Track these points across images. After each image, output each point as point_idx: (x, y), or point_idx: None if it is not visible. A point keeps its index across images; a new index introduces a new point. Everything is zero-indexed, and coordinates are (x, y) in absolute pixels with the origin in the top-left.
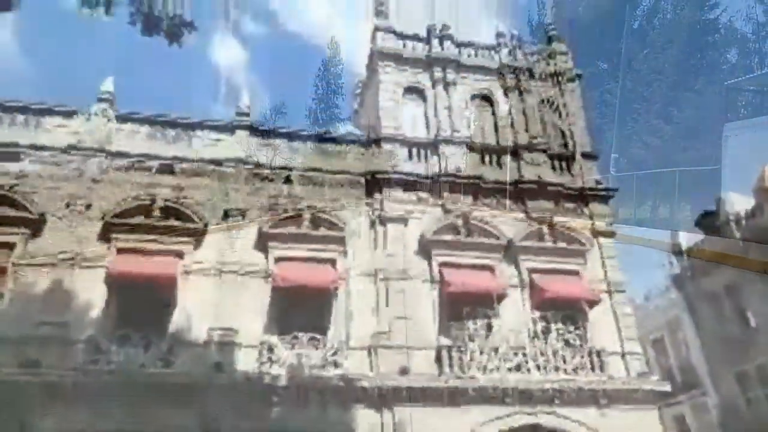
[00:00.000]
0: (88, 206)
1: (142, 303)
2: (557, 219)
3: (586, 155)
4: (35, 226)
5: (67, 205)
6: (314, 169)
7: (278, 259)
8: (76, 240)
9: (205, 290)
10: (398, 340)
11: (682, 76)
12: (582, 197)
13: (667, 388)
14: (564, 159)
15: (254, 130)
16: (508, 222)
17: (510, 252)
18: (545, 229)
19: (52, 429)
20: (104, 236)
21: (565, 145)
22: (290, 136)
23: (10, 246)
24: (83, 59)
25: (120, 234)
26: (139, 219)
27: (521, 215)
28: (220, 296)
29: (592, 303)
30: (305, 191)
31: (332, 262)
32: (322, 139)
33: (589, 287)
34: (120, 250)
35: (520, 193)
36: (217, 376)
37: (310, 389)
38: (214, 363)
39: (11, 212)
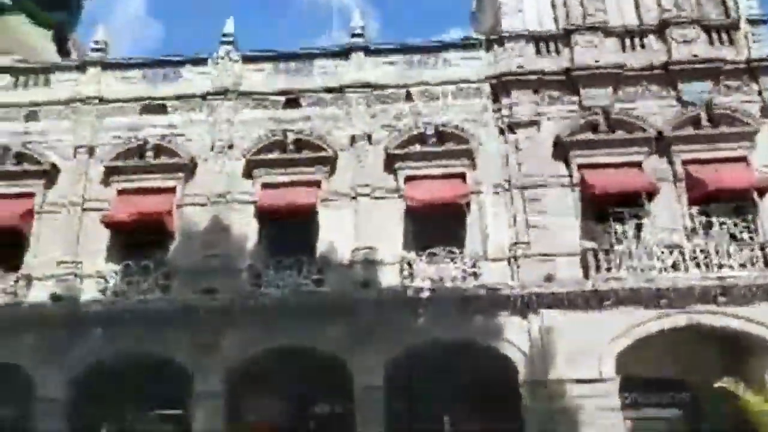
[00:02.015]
0: (230, 146)
1: (290, 231)
2: (718, 100)
3: (753, 21)
4: (188, 170)
5: (212, 148)
6: (434, 83)
7: (408, 179)
8: (224, 179)
9: (344, 215)
10: (538, 248)
11: None
12: (749, 71)
13: None
14: (724, 29)
15: (369, 50)
16: (656, 111)
17: (660, 144)
18: (702, 113)
19: (230, 346)
20: (248, 173)
21: (726, 12)
22: (405, 51)
23: (172, 190)
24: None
25: (261, 169)
26: (275, 154)
27: (672, 101)
28: (358, 219)
29: (765, 191)
30: (427, 107)
31: (462, 176)
32: (439, 48)
33: (760, 174)
34: (264, 185)
35: (670, 76)
36: (363, 292)
37: (452, 300)
38: (360, 280)
39: (168, 160)
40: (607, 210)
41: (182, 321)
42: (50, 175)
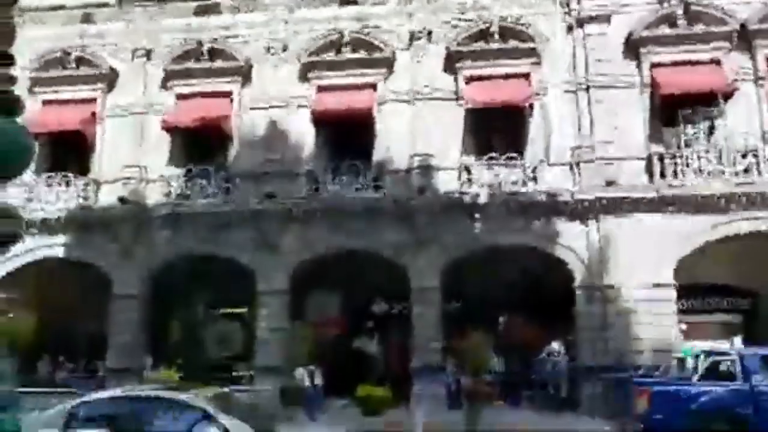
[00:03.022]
0: (285, 48)
1: (348, 136)
2: None
3: None
4: (245, 74)
5: (267, 50)
6: None
7: (468, 80)
8: (279, 83)
9: (402, 119)
10: (602, 152)
11: None
12: None
13: None
14: None
15: None
16: (740, 2)
17: (743, 38)
18: None
19: (291, 248)
20: (303, 76)
21: None
22: None
23: (229, 94)
24: None
25: (317, 71)
26: (330, 55)
27: None
28: (415, 123)
29: None
30: (492, 1)
31: (526, 76)
32: None
33: None
34: (320, 89)
35: None
36: (420, 198)
37: (510, 206)
38: (417, 186)
39: (224, 63)
40: (678, 111)
41: (245, 224)
42: (110, 78)
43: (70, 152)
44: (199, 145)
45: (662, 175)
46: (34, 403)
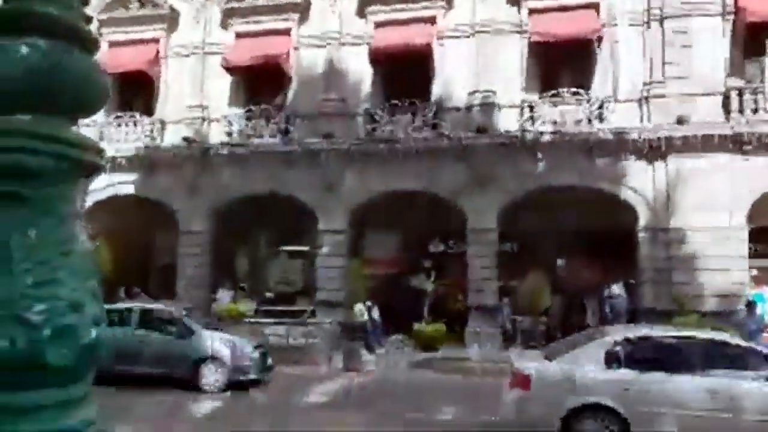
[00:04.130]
0: None
1: (405, 74)
2: None
3: None
4: (302, 11)
5: None
6: None
7: (532, 11)
8: (338, 19)
9: (462, 54)
10: (675, 88)
11: None
12: None
13: None
14: None
15: None
16: None
17: None
18: None
19: (350, 188)
20: (360, 11)
21: None
22: None
23: (287, 32)
24: None
25: (374, 6)
26: None
27: None
28: (476, 59)
29: None
30: None
31: (595, 6)
32: None
33: None
34: (377, 24)
35: None
36: (480, 137)
37: (574, 144)
38: (477, 125)
39: (282, 0)
40: (766, 41)
41: (305, 164)
42: (171, 19)
43: (136, 93)
44: (259, 84)
45: (740, 111)
46: None
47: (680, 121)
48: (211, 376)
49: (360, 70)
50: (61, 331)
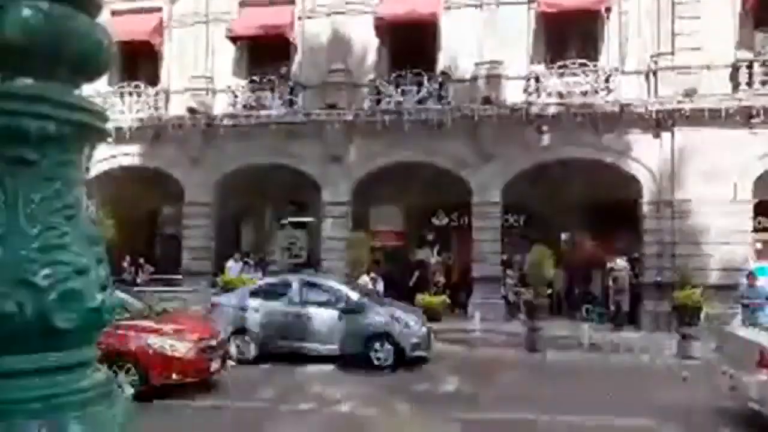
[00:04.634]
0: None
1: (410, 45)
2: None
3: None
4: None
5: None
6: None
7: None
8: None
9: (468, 25)
10: (683, 59)
11: None
12: None
13: None
14: None
15: None
16: None
17: None
18: None
19: (354, 159)
20: None
21: None
22: None
23: (292, 1)
24: None
25: None
26: None
27: None
28: (483, 29)
29: None
30: None
31: None
32: None
33: None
34: None
35: None
36: (485, 109)
37: (581, 116)
38: (483, 96)
39: None
40: None
41: (309, 134)
42: None
43: (140, 63)
44: (264, 55)
45: (749, 84)
46: None
47: (687, 93)
48: (383, 354)
49: (365, 41)
50: (68, 295)
